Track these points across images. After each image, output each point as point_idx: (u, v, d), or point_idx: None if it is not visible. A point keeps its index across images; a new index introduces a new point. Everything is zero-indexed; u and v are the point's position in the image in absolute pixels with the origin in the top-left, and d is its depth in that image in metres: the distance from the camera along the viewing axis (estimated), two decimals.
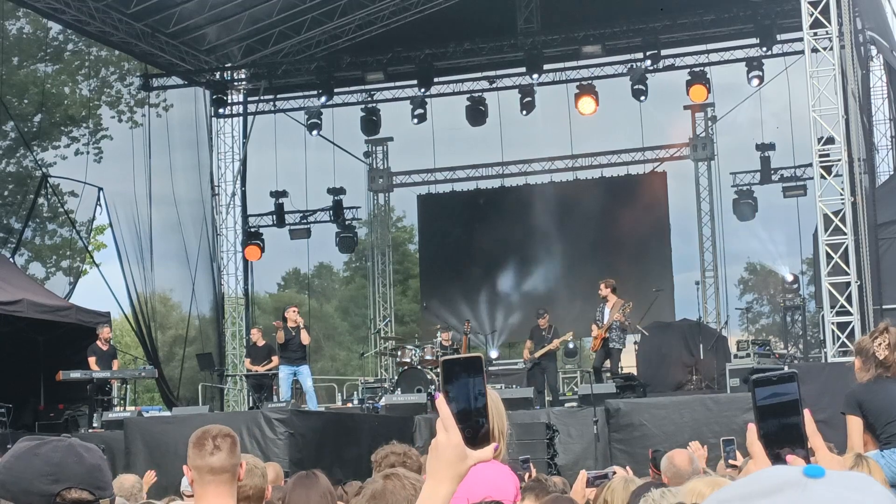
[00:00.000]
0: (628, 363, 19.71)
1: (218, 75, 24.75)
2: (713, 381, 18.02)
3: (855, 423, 6.70)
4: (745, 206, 24.17)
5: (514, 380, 20.06)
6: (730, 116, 24.65)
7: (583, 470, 6.68)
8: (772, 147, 23.83)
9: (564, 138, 25.44)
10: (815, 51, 16.04)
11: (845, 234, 15.36)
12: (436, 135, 25.83)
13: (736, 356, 18.19)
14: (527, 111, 23.96)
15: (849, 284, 15.27)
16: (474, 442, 1.86)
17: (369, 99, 25.34)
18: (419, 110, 24.41)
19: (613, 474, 5.87)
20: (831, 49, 15.84)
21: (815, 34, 16.01)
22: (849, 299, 15.21)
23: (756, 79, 22.86)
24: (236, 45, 24.19)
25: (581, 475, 6.38)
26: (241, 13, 22.54)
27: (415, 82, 23.99)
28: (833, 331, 15.25)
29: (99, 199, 23.08)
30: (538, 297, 23.32)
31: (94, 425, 17.35)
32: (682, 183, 26.13)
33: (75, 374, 17.48)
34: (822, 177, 15.78)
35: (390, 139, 26.97)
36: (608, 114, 24.34)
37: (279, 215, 25.56)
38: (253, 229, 25.50)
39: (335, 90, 24.39)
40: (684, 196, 26.22)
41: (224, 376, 23.71)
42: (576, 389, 20.81)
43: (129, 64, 25.49)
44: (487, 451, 1.86)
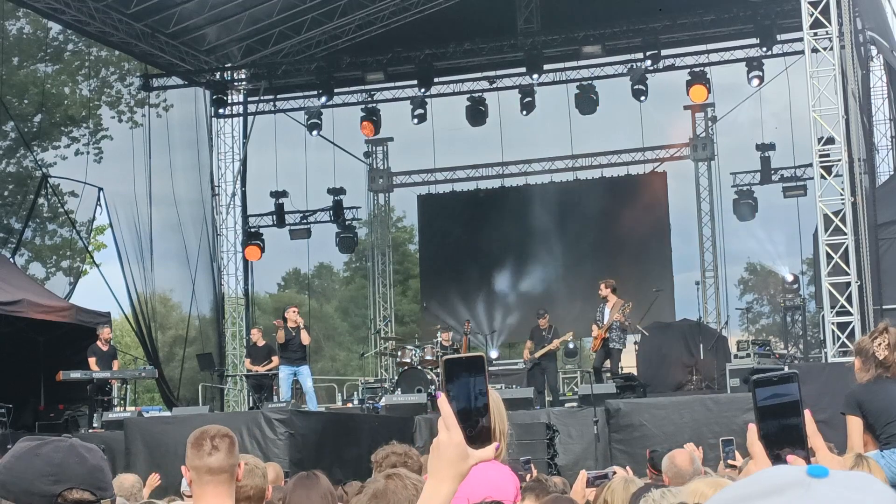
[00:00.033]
0: (628, 363, 19.70)
1: (218, 75, 24.74)
2: (713, 382, 18.01)
3: (855, 424, 6.69)
4: (746, 207, 24.16)
5: (515, 380, 20.05)
6: (730, 116, 24.68)
7: (583, 470, 6.68)
8: (772, 147, 23.82)
9: (564, 138, 25.44)
10: (815, 51, 16.03)
11: (845, 234, 15.36)
12: (436, 135, 25.84)
13: (736, 356, 18.18)
14: (527, 111, 23.95)
15: (849, 284, 15.27)
16: (475, 441, 1.86)
17: (369, 99, 25.34)
18: (419, 110, 24.40)
19: (613, 474, 5.86)
20: (831, 49, 15.84)
21: (816, 34, 16.01)
22: (849, 299, 15.21)
23: (756, 79, 22.84)
24: (236, 45, 24.19)
25: (581, 475, 6.37)
26: (241, 13, 22.54)
27: (415, 82, 23.98)
28: (833, 331, 15.24)
29: (99, 199, 23.07)
30: (538, 298, 23.31)
31: (95, 425, 17.33)
32: (683, 183, 26.17)
33: (75, 375, 17.47)
34: (823, 177, 15.78)
35: (390, 139, 26.97)
36: (608, 114, 24.35)
37: (279, 215, 25.56)
38: (253, 229, 25.49)
39: (335, 90, 24.37)
40: (684, 196, 26.25)
41: (224, 376, 23.71)
42: (576, 389, 20.80)
43: (129, 64, 25.49)
44: (489, 451, 1.86)
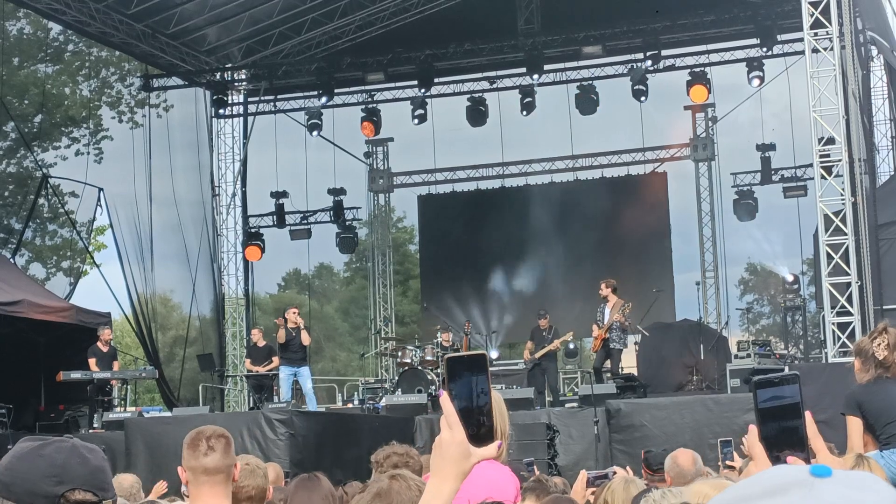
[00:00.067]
0: (629, 364, 19.70)
1: (218, 76, 24.74)
2: (714, 382, 18.01)
3: (855, 424, 6.69)
4: (746, 207, 24.15)
5: (515, 380, 20.06)
6: (730, 117, 24.68)
7: (583, 470, 6.67)
8: (772, 147, 23.81)
9: (565, 139, 25.44)
10: (815, 51, 16.03)
11: (846, 234, 15.35)
12: (436, 135, 25.84)
13: (736, 357, 18.17)
14: (527, 111, 23.94)
15: (849, 285, 15.27)
16: (478, 440, 1.86)
17: (370, 99, 25.33)
18: (419, 111, 24.40)
19: (614, 474, 5.86)
20: (832, 49, 15.84)
21: (816, 34, 16.00)
22: (849, 300, 15.20)
23: (756, 79, 22.84)
24: (237, 45, 24.20)
25: (581, 475, 6.36)
26: (241, 14, 22.54)
27: (415, 83, 23.97)
28: (833, 331, 15.24)
29: (99, 199, 23.06)
30: (538, 298, 23.31)
31: (95, 426, 17.33)
32: (683, 183, 26.16)
33: (76, 375, 17.47)
34: (823, 177, 15.78)
35: (391, 139, 26.97)
36: (608, 114, 24.35)
37: (279, 216, 25.55)
38: (253, 230, 25.49)
39: (335, 91, 24.37)
40: (685, 196, 26.24)
41: (224, 377, 23.71)
42: (576, 390, 20.81)
43: (130, 64, 25.47)
44: (491, 448, 1.86)
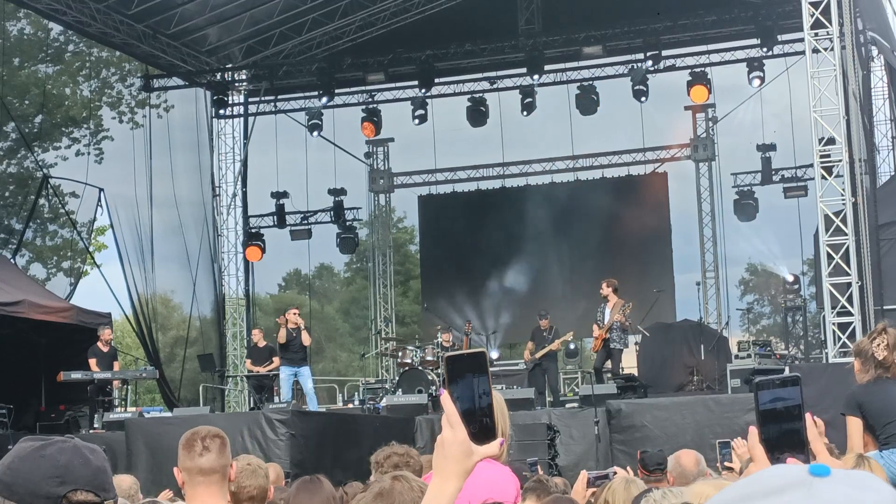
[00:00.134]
0: (629, 364, 19.70)
1: (219, 76, 24.74)
2: (714, 382, 18.00)
3: (855, 424, 6.69)
4: (746, 207, 24.16)
5: (515, 380, 20.05)
6: (731, 117, 24.67)
7: (583, 470, 6.67)
8: (773, 148, 23.80)
9: (565, 139, 25.45)
10: (815, 51, 16.03)
11: (846, 234, 15.35)
12: (437, 135, 25.83)
13: (737, 357, 18.17)
14: (527, 112, 23.93)
15: (850, 285, 15.26)
16: (479, 439, 1.86)
17: (370, 100, 25.33)
18: (420, 111, 24.39)
19: (614, 475, 5.86)
20: (832, 49, 15.83)
21: (816, 35, 16.00)
22: (850, 300, 15.20)
23: (757, 79, 22.84)
24: (237, 45, 24.20)
25: (581, 475, 6.36)
26: (241, 14, 22.54)
27: (416, 83, 23.96)
28: (834, 331, 15.24)
29: (100, 199, 23.07)
30: (539, 298, 23.32)
31: (95, 426, 17.34)
32: (683, 184, 26.16)
33: (76, 375, 17.47)
34: (823, 177, 15.77)
35: (391, 140, 26.97)
36: (609, 114, 24.35)
37: (280, 216, 25.56)
38: (254, 230, 25.49)
39: (336, 91, 24.36)
40: (685, 197, 26.23)
41: (225, 377, 23.70)
42: (577, 390, 20.82)
43: (130, 65, 25.48)
44: (493, 446, 1.86)
